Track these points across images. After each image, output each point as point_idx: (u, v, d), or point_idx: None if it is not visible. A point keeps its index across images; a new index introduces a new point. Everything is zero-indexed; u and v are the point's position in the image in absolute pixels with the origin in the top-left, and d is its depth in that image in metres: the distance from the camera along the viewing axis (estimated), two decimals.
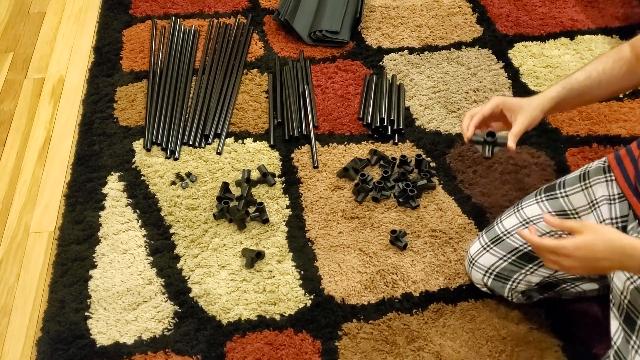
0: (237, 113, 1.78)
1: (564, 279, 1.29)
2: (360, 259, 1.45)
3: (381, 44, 1.98)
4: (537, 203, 1.26)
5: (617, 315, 1.12)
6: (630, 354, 1.07)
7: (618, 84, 1.23)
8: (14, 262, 1.48)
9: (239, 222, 1.50)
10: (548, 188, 1.28)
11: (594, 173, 1.23)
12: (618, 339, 1.11)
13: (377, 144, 1.70)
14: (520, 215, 1.27)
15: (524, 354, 1.30)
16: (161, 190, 1.59)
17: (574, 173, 1.27)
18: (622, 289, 1.11)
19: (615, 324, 1.12)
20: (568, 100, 1.24)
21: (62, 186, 1.62)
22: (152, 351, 1.30)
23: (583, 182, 1.23)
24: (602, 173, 1.22)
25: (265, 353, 1.30)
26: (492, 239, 1.29)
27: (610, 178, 1.20)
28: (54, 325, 1.35)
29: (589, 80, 1.22)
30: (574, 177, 1.26)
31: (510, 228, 1.27)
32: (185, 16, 2.08)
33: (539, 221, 1.24)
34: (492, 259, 1.29)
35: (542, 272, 1.26)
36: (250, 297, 1.39)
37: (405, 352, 1.30)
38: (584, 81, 1.22)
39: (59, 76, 1.94)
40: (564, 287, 1.31)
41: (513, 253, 1.27)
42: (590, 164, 1.26)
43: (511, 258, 1.27)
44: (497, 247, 1.28)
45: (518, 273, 1.28)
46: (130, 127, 1.75)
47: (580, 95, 1.23)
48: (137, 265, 1.45)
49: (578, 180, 1.24)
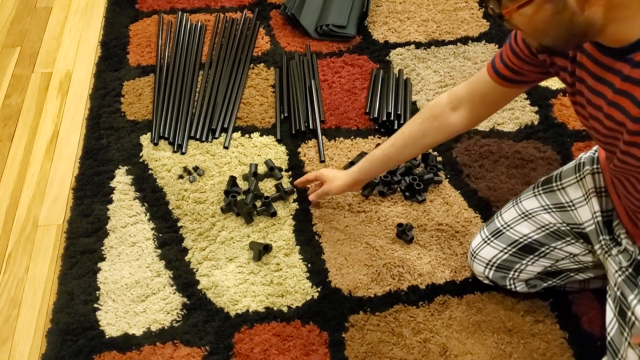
0: (244, 107, 1.79)
1: (567, 269, 1.29)
2: (366, 252, 1.46)
3: (388, 38, 1.99)
4: (534, 196, 1.27)
5: (613, 308, 1.13)
6: (623, 345, 1.08)
7: (430, 139, 1.30)
8: (24, 254, 1.49)
9: (247, 215, 1.51)
10: (545, 181, 1.28)
11: (587, 163, 1.23)
12: (612, 330, 1.12)
13: (384, 139, 1.70)
14: (519, 209, 1.28)
15: (529, 345, 1.30)
16: (169, 184, 1.60)
17: (571, 163, 1.28)
18: (614, 281, 1.13)
19: (610, 315, 1.14)
20: (374, 169, 1.39)
21: (70, 180, 1.64)
22: (160, 342, 1.32)
23: (578, 173, 1.24)
24: (591, 164, 1.22)
25: (272, 344, 1.31)
26: (492, 232, 1.31)
27: (597, 170, 1.20)
28: (64, 316, 1.36)
29: (394, 147, 1.33)
30: (569, 168, 1.26)
31: (510, 221, 1.28)
32: (192, 11, 2.09)
33: (537, 214, 1.25)
34: (492, 251, 1.30)
35: (543, 262, 1.27)
36: (257, 290, 1.40)
37: (412, 343, 1.31)
38: (388, 149, 1.34)
39: (66, 70, 1.95)
40: (567, 275, 1.31)
41: (513, 245, 1.28)
42: (585, 152, 1.27)
43: (511, 250, 1.28)
44: (497, 240, 1.30)
45: (519, 264, 1.29)
46: (137, 121, 1.76)
47: (387, 161, 1.36)
48: (146, 257, 1.46)
49: (573, 172, 1.25)
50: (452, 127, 1.27)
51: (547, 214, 1.24)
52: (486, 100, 1.22)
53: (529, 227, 1.26)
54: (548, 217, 1.24)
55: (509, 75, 1.13)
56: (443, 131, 1.28)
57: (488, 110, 1.25)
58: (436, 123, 1.27)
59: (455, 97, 1.25)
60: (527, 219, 1.26)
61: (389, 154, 1.34)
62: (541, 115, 1.75)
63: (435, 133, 1.28)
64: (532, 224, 1.26)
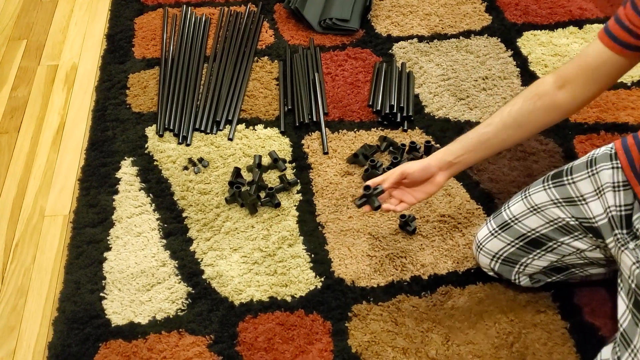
0: (248, 100, 1.80)
1: (573, 264, 1.30)
2: (369, 242, 1.48)
3: (391, 32, 2.00)
4: (544, 190, 1.27)
5: (626, 300, 1.13)
6: (637, 335, 1.09)
7: (534, 120, 1.19)
8: (30, 244, 1.51)
9: (251, 206, 1.53)
10: (555, 175, 1.28)
11: (601, 159, 1.23)
12: (625, 322, 1.12)
13: (387, 131, 1.72)
14: (528, 202, 1.28)
15: (531, 335, 1.32)
16: (174, 175, 1.62)
17: (581, 159, 1.27)
18: (629, 273, 1.13)
19: (623, 307, 1.13)
20: (466, 150, 1.23)
21: (76, 171, 1.65)
22: (166, 331, 1.33)
23: (590, 169, 1.23)
24: (608, 160, 1.21)
25: (276, 333, 1.32)
26: (500, 224, 1.31)
27: (616, 165, 1.20)
28: (70, 305, 1.37)
29: (490, 126, 1.21)
30: (581, 163, 1.26)
31: (518, 215, 1.28)
32: (196, 4, 2.10)
33: (546, 208, 1.25)
34: (499, 244, 1.30)
35: (550, 256, 1.28)
36: (261, 279, 1.41)
37: (415, 333, 1.32)
38: (483, 128, 1.21)
39: (72, 63, 1.96)
40: (572, 271, 1.32)
41: (521, 239, 1.28)
42: (597, 149, 1.26)
43: (519, 244, 1.28)
44: (505, 232, 1.29)
45: (526, 257, 1.29)
46: (142, 113, 1.77)
47: (485, 141, 1.22)
48: (151, 247, 1.47)
49: (585, 167, 1.24)
50: (559, 107, 1.17)
51: (557, 207, 1.24)
52: (598, 74, 1.12)
53: (537, 222, 1.25)
54: (557, 212, 1.24)
55: (627, 39, 1.03)
56: (549, 111, 1.17)
57: (599, 86, 1.15)
58: (540, 102, 1.17)
59: (561, 75, 1.15)
60: (536, 213, 1.25)
61: (486, 133, 1.20)
62: None
63: (540, 113, 1.17)
64: (541, 218, 1.25)
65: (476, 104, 1.78)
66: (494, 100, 1.79)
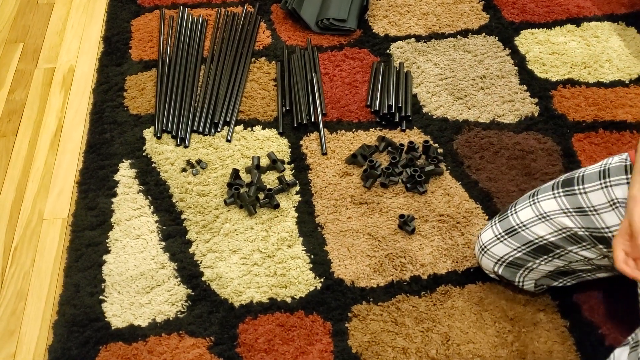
0: (246, 101, 1.80)
1: (581, 269, 1.28)
2: (369, 243, 1.48)
3: (388, 31, 2.00)
4: (554, 198, 1.23)
5: None
6: None
7: None
8: (29, 247, 1.51)
9: (250, 207, 1.53)
10: (566, 182, 1.24)
11: (615, 172, 1.18)
12: None
13: (385, 131, 1.72)
14: (537, 209, 1.24)
15: (530, 334, 1.32)
16: (172, 177, 1.62)
17: (594, 167, 1.22)
18: None
19: None
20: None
21: (74, 173, 1.65)
22: (166, 333, 1.33)
23: (603, 180, 1.19)
24: (623, 173, 1.17)
25: (276, 334, 1.32)
26: (506, 229, 1.28)
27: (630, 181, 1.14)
28: (70, 308, 1.37)
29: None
30: (593, 172, 1.21)
31: (526, 221, 1.25)
32: (193, 6, 2.10)
33: (555, 217, 1.22)
34: (505, 249, 1.28)
35: (556, 262, 1.26)
36: (261, 281, 1.41)
37: (414, 332, 1.32)
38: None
39: (69, 66, 1.96)
40: (579, 275, 1.30)
41: (528, 245, 1.25)
42: (610, 158, 1.21)
43: (525, 250, 1.26)
44: (511, 238, 1.26)
45: (532, 262, 1.27)
46: (140, 115, 1.77)
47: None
48: (150, 250, 1.47)
49: (597, 177, 1.20)
50: None
51: (566, 217, 1.21)
52: None
53: (545, 230, 1.23)
54: (566, 221, 1.21)
55: None
56: None
57: None
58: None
59: None
60: (545, 221, 1.23)
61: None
62: (541, 107, 1.76)
63: None
64: (550, 226, 1.22)
65: (474, 103, 1.78)
66: (492, 99, 1.79)
